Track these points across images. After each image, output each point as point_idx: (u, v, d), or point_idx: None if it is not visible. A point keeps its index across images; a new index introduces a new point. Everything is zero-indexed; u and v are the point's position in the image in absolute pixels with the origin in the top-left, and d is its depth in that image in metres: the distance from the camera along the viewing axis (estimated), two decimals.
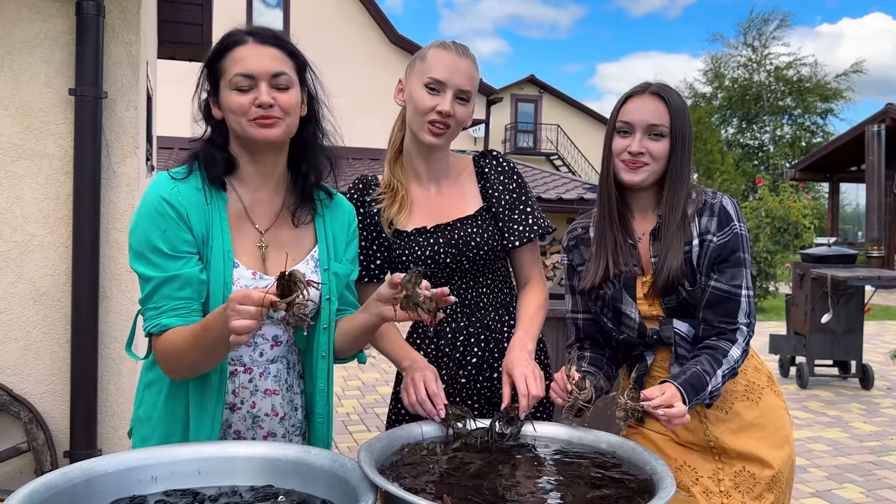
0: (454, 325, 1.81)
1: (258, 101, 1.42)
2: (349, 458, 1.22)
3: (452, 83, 1.72)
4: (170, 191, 1.43)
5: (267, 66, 1.43)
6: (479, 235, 1.79)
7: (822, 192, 25.60)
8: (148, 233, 1.40)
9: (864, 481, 4.38)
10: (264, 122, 1.43)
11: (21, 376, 2.98)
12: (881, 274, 6.67)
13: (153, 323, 1.39)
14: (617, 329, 1.75)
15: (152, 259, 1.39)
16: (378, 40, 16.41)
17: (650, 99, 1.69)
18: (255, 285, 1.44)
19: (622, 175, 1.70)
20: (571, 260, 1.86)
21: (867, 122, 13.22)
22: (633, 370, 1.71)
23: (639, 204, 1.77)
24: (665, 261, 1.66)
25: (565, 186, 13.23)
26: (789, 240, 11.91)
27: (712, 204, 1.70)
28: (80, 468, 1.15)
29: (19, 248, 2.97)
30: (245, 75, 1.41)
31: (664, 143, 1.68)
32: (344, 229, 1.62)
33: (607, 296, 1.73)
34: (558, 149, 26.66)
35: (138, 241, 1.41)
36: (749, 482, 1.70)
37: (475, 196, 1.86)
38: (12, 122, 2.95)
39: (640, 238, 1.75)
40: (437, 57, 1.74)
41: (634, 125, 1.68)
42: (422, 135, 1.75)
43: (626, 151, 1.69)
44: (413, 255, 1.77)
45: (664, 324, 1.70)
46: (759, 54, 27.97)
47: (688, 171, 1.72)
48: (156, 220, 1.40)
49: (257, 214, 1.51)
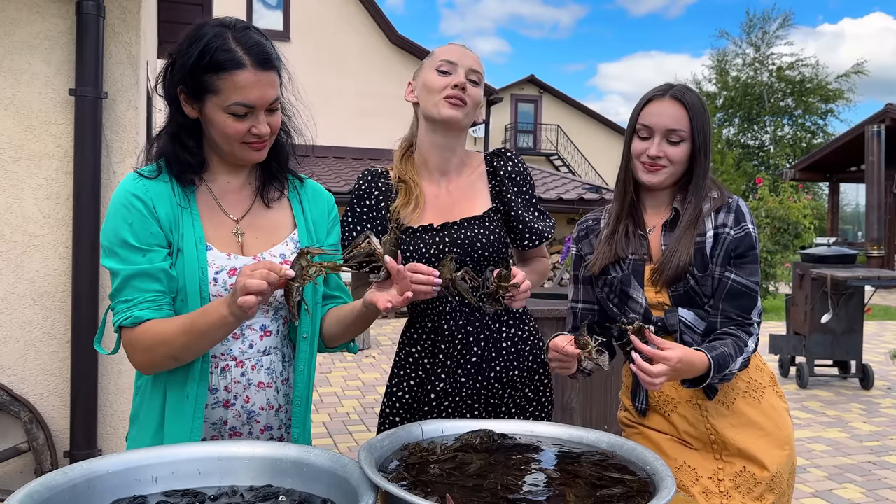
0: (452, 324, 1.81)
1: (256, 131, 1.43)
2: (349, 458, 1.22)
3: (463, 63, 1.81)
4: (136, 185, 1.43)
5: (267, 96, 1.42)
6: (486, 237, 1.80)
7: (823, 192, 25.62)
8: (116, 227, 1.41)
9: (864, 481, 4.38)
10: (256, 146, 1.45)
11: (21, 376, 2.98)
12: (881, 274, 6.67)
13: (125, 315, 1.39)
14: (623, 314, 1.76)
15: (120, 253, 1.40)
16: (378, 41, 16.41)
17: (669, 103, 1.72)
18: (231, 265, 1.45)
19: (641, 176, 1.75)
20: (580, 249, 1.88)
21: (867, 122, 13.23)
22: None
23: (654, 200, 1.81)
24: (675, 251, 1.69)
25: (565, 186, 13.23)
26: (789, 240, 11.90)
27: (729, 202, 1.75)
28: (80, 468, 1.15)
29: (19, 248, 2.97)
30: (246, 105, 1.40)
31: (682, 148, 1.72)
32: (324, 216, 1.62)
33: (615, 280, 1.76)
34: (558, 149, 26.66)
35: (107, 238, 1.42)
36: (749, 482, 1.70)
37: (485, 196, 1.87)
38: (12, 123, 2.95)
39: (651, 229, 1.79)
40: (445, 48, 1.84)
41: (654, 129, 1.72)
42: (440, 110, 1.79)
43: (644, 154, 1.73)
44: (418, 252, 1.78)
45: (669, 312, 1.72)
46: (762, 54, 27.97)
47: (708, 171, 1.76)
48: (123, 215, 1.41)
49: (229, 203, 1.52)
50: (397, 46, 16.37)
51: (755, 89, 27.53)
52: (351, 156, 14.50)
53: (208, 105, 1.42)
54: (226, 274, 1.45)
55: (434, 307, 1.82)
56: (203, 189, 1.50)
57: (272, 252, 1.51)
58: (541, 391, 1.90)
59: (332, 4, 16.30)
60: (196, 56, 1.40)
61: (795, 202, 12.12)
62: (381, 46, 16.37)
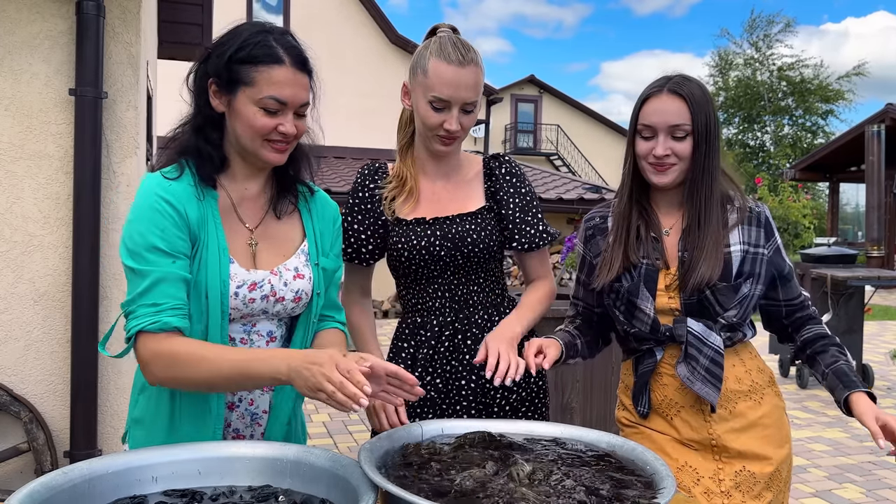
0: (441, 319, 1.81)
1: (282, 130, 1.41)
2: (349, 458, 1.22)
3: (457, 99, 1.69)
4: (166, 189, 1.40)
5: (300, 97, 1.42)
6: (477, 233, 1.80)
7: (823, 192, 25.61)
8: (145, 231, 1.36)
9: (864, 481, 4.38)
10: (278, 148, 1.44)
11: (21, 376, 2.98)
12: (881, 274, 6.66)
13: (151, 320, 1.32)
14: (629, 323, 1.73)
15: (149, 258, 1.35)
16: (378, 40, 16.42)
17: (669, 98, 1.64)
18: (251, 279, 1.44)
19: (651, 177, 1.68)
20: (588, 252, 1.83)
21: (867, 122, 13.22)
22: (639, 365, 1.70)
23: (665, 199, 1.75)
24: (699, 263, 1.64)
25: (565, 186, 13.23)
26: (789, 240, 11.91)
27: (758, 214, 1.72)
28: (80, 468, 1.15)
29: (19, 248, 2.97)
30: (278, 100, 1.40)
31: (689, 142, 1.64)
32: (329, 226, 1.62)
33: (622, 289, 1.70)
34: (558, 149, 26.66)
35: (134, 241, 1.36)
36: (749, 481, 1.70)
37: (479, 195, 1.87)
38: (12, 122, 2.95)
39: (668, 231, 1.73)
40: (439, 71, 1.68)
41: (656, 128, 1.65)
42: (432, 145, 1.77)
43: (651, 155, 1.66)
44: (409, 244, 1.78)
45: (678, 322, 1.68)
46: (763, 54, 27.96)
47: (716, 164, 1.68)
48: (153, 218, 1.37)
49: (245, 211, 1.50)
50: (397, 46, 16.37)
51: (756, 89, 27.52)
52: (351, 156, 14.50)
53: (239, 97, 1.40)
54: (246, 289, 1.44)
55: (423, 302, 1.83)
56: (222, 194, 1.48)
57: (287, 265, 1.50)
58: (534, 392, 1.90)
59: (332, 4, 16.30)
60: (235, 48, 1.40)
61: (795, 202, 12.13)
62: (381, 46, 16.37)
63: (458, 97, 1.69)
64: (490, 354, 1.57)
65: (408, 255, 1.79)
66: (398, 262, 1.82)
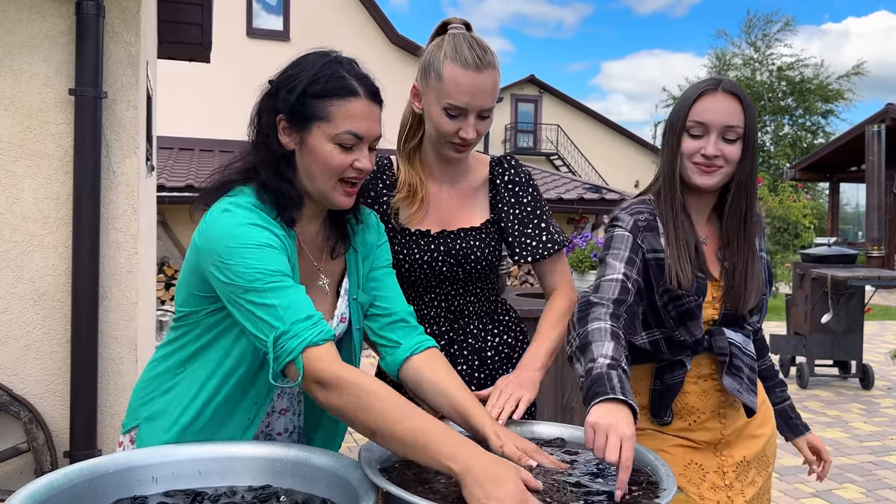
0: (436, 329, 1.79)
1: (358, 166, 1.34)
2: (349, 458, 1.22)
3: (474, 106, 1.61)
4: (261, 218, 1.30)
5: (375, 130, 1.36)
6: (481, 249, 1.76)
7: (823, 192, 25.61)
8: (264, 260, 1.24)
9: (864, 481, 4.38)
10: (349, 191, 1.37)
11: (21, 376, 2.98)
12: (881, 274, 6.66)
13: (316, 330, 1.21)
14: (676, 329, 1.64)
15: (279, 279, 1.24)
16: (378, 40, 16.41)
17: (724, 98, 1.58)
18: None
19: (695, 178, 1.61)
20: (642, 240, 1.64)
21: (867, 122, 13.23)
22: (665, 375, 1.68)
23: (698, 204, 1.68)
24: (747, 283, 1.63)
25: (565, 186, 13.22)
26: (789, 240, 11.91)
27: (762, 220, 1.75)
28: (80, 468, 1.15)
29: (19, 248, 2.97)
30: (356, 135, 1.32)
31: (739, 146, 1.59)
32: (373, 246, 1.55)
33: (688, 297, 1.61)
34: (558, 149, 26.67)
35: (253, 277, 1.23)
36: (744, 469, 1.75)
37: (485, 206, 1.81)
38: (12, 122, 2.95)
39: (705, 239, 1.69)
40: (455, 77, 1.59)
41: (709, 126, 1.58)
42: (444, 151, 1.71)
43: (699, 154, 1.59)
44: (411, 256, 1.75)
45: (717, 334, 1.64)
46: (762, 54, 27.93)
47: (756, 173, 1.65)
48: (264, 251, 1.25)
49: (310, 249, 1.45)
50: (397, 46, 16.37)
51: (755, 89, 27.51)
52: None
53: (314, 133, 1.32)
54: None
55: (419, 310, 1.78)
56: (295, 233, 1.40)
57: (340, 308, 1.47)
58: None
59: (333, 5, 16.30)
60: (307, 81, 1.32)
61: (795, 202, 12.13)
62: (381, 46, 16.37)
63: (475, 104, 1.61)
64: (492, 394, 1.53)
65: (409, 266, 1.75)
66: (397, 271, 1.79)
